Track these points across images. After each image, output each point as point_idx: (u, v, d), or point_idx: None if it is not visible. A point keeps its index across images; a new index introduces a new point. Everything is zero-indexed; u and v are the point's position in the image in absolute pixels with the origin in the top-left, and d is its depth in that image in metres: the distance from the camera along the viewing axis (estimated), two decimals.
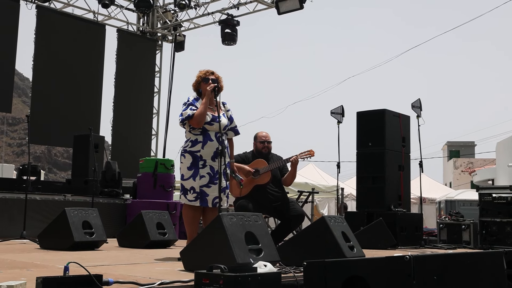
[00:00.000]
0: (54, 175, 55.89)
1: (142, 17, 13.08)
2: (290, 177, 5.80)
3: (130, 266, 3.92)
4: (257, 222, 3.65)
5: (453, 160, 34.35)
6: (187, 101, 4.61)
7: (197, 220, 4.65)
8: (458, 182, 30.91)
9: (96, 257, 4.47)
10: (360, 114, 7.73)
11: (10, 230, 6.47)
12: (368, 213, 7.28)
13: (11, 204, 6.89)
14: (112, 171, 8.48)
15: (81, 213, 5.37)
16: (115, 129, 12.07)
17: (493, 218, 7.45)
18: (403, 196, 7.59)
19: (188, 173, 4.51)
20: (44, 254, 4.67)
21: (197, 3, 12.06)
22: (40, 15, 10.77)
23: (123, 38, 12.37)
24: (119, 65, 12.16)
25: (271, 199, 5.63)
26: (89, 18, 11.92)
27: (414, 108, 7.70)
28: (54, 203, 7.27)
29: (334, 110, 8.19)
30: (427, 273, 1.91)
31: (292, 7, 10.12)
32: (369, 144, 7.51)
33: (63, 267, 2.67)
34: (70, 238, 5.10)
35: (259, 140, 5.80)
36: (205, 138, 4.53)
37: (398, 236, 6.88)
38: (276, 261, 3.59)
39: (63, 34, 11.17)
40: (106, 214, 7.54)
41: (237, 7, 11.50)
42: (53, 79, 11.02)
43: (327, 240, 3.88)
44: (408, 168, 7.82)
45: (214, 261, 2.82)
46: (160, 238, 5.82)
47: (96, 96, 11.72)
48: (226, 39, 11.64)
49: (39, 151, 56.19)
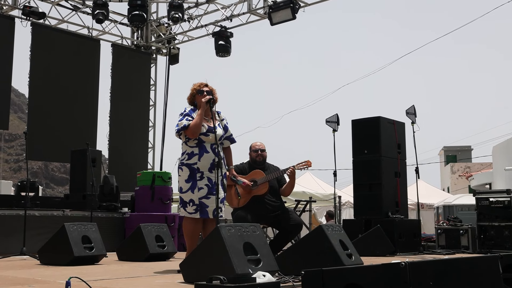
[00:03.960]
0: (52, 190, 55.78)
1: (136, 31, 13.16)
2: (289, 187, 5.83)
3: (131, 279, 3.94)
4: (255, 232, 3.68)
5: (450, 165, 34.41)
6: (183, 111, 4.66)
7: (198, 232, 4.67)
8: (456, 187, 30.94)
9: (96, 272, 4.48)
10: (355, 122, 7.78)
11: (10, 246, 6.48)
12: (365, 220, 7.31)
13: (10, 220, 6.90)
14: (110, 185, 8.49)
15: (80, 228, 5.39)
16: (111, 143, 12.10)
17: (491, 223, 7.49)
18: (401, 203, 7.63)
19: (186, 186, 4.54)
20: (45, 270, 4.68)
21: (190, 16, 12.14)
22: (35, 32, 10.83)
23: (117, 52, 12.44)
24: (115, 79, 12.22)
25: (269, 209, 5.65)
26: (83, 34, 11.99)
27: (409, 114, 7.76)
28: (53, 219, 7.29)
29: (329, 119, 8.24)
30: (423, 279, 1.95)
31: (284, 18, 10.20)
32: (365, 152, 7.55)
33: (65, 282, 2.70)
34: (70, 253, 5.11)
35: (253, 149, 5.86)
36: (201, 150, 4.57)
37: (397, 242, 6.91)
38: (275, 270, 3.62)
39: (58, 50, 11.23)
40: (105, 228, 7.55)
41: (230, 19, 11.59)
42: (49, 95, 11.06)
43: (325, 248, 3.90)
44: (404, 174, 7.86)
45: (213, 272, 2.85)
46: (160, 250, 5.83)
47: (92, 111, 11.76)
48: (220, 51, 11.72)
49: (36, 166, 56.06)
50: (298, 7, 10.27)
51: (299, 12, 10.28)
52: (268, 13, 10.53)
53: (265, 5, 10.98)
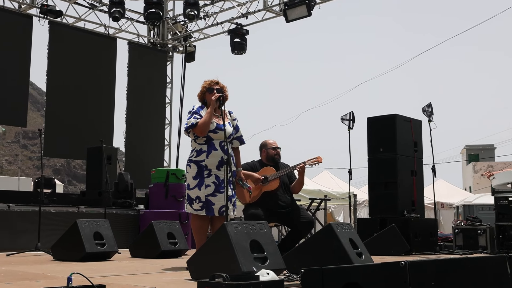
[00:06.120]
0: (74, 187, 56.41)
1: (152, 29, 13.20)
2: (298, 184, 5.79)
3: (138, 276, 3.94)
4: (262, 230, 3.65)
5: (472, 163, 33.93)
6: (192, 110, 4.66)
7: (205, 229, 4.67)
8: (478, 186, 30.48)
9: (106, 268, 4.51)
10: (370, 119, 7.68)
11: (25, 242, 6.56)
12: (381, 219, 7.22)
13: (27, 216, 7.01)
14: (124, 182, 8.54)
15: (92, 225, 5.42)
16: (128, 140, 12.17)
17: (509, 223, 7.32)
18: (417, 202, 7.51)
19: (194, 183, 4.54)
20: (56, 266, 4.72)
21: (206, 13, 12.14)
22: (53, 30, 10.94)
23: (134, 50, 12.50)
24: (131, 77, 12.28)
25: (280, 205, 5.63)
26: (100, 32, 12.07)
27: (425, 112, 7.63)
28: (68, 215, 7.36)
29: (344, 117, 8.16)
30: (424, 279, 1.89)
31: (300, 15, 10.13)
32: (381, 150, 7.46)
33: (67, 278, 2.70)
34: (82, 249, 5.15)
35: (271, 146, 5.80)
36: (210, 148, 4.55)
37: (412, 242, 6.80)
38: (282, 269, 3.59)
39: (75, 48, 11.32)
40: (119, 225, 7.62)
41: (246, 16, 11.56)
42: (67, 93, 11.16)
43: (334, 247, 3.85)
44: (421, 173, 7.74)
45: (219, 270, 2.82)
46: (171, 248, 5.83)
47: (108, 108, 11.84)
48: (235, 48, 11.69)
49: (58, 163, 56.77)
50: (313, 4, 10.20)
51: (314, 9, 10.20)
52: (283, 10, 10.47)
53: (280, 2, 10.92)
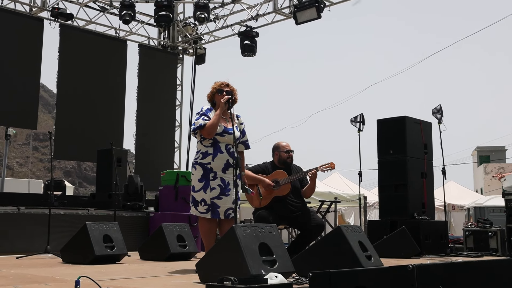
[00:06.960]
0: (84, 189, 56.64)
1: (162, 31, 13.26)
2: (309, 190, 5.75)
3: (147, 279, 3.94)
4: (271, 233, 3.63)
5: (484, 165, 33.64)
6: (200, 111, 4.64)
7: (213, 231, 4.65)
8: (490, 188, 30.22)
9: (115, 271, 4.51)
10: (380, 121, 7.66)
11: (35, 245, 6.57)
12: (391, 221, 7.18)
13: (37, 219, 7.02)
14: (134, 184, 8.56)
15: (101, 227, 5.42)
16: (138, 142, 12.22)
17: None
18: (427, 204, 7.47)
19: (199, 185, 4.53)
20: (65, 269, 4.73)
21: (216, 16, 12.17)
22: (63, 33, 11.03)
23: (144, 52, 12.56)
24: (141, 79, 12.34)
25: (291, 210, 5.59)
26: (110, 35, 12.15)
27: (435, 114, 7.59)
28: (77, 218, 7.37)
29: (354, 119, 8.14)
30: (432, 283, 1.88)
31: (309, 17, 10.12)
32: (390, 152, 7.42)
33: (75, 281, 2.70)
34: (91, 252, 5.15)
35: (283, 150, 5.73)
36: (216, 151, 4.54)
37: (422, 244, 6.77)
38: (291, 272, 3.57)
39: (86, 50, 11.40)
40: (129, 228, 7.63)
41: (256, 19, 11.57)
42: (77, 95, 11.24)
43: (344, 250, 3.83)
44: (431, 175, 7.70)
45: (228, 273, 2.81)
46: (181, 250, 5.83)
47: (119, 110, 11.90)
48: (245, 51, 11.71)
49: (69, 166, 57.01)
50: (323, 6, 10.19)
51: (324, 11, 10.19)
52: (293, 12, 10.48)
53: (290, 5, 10.93)
